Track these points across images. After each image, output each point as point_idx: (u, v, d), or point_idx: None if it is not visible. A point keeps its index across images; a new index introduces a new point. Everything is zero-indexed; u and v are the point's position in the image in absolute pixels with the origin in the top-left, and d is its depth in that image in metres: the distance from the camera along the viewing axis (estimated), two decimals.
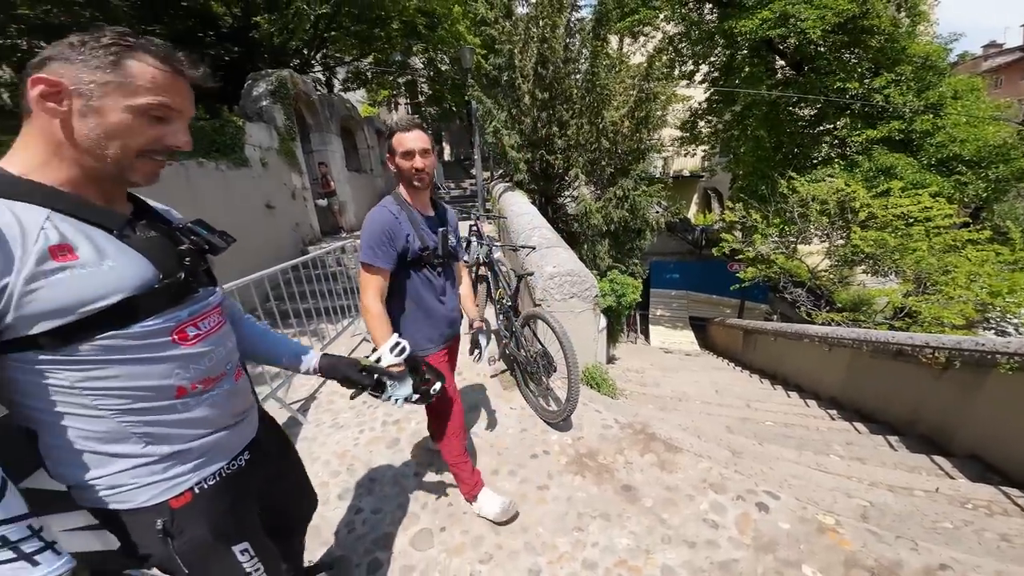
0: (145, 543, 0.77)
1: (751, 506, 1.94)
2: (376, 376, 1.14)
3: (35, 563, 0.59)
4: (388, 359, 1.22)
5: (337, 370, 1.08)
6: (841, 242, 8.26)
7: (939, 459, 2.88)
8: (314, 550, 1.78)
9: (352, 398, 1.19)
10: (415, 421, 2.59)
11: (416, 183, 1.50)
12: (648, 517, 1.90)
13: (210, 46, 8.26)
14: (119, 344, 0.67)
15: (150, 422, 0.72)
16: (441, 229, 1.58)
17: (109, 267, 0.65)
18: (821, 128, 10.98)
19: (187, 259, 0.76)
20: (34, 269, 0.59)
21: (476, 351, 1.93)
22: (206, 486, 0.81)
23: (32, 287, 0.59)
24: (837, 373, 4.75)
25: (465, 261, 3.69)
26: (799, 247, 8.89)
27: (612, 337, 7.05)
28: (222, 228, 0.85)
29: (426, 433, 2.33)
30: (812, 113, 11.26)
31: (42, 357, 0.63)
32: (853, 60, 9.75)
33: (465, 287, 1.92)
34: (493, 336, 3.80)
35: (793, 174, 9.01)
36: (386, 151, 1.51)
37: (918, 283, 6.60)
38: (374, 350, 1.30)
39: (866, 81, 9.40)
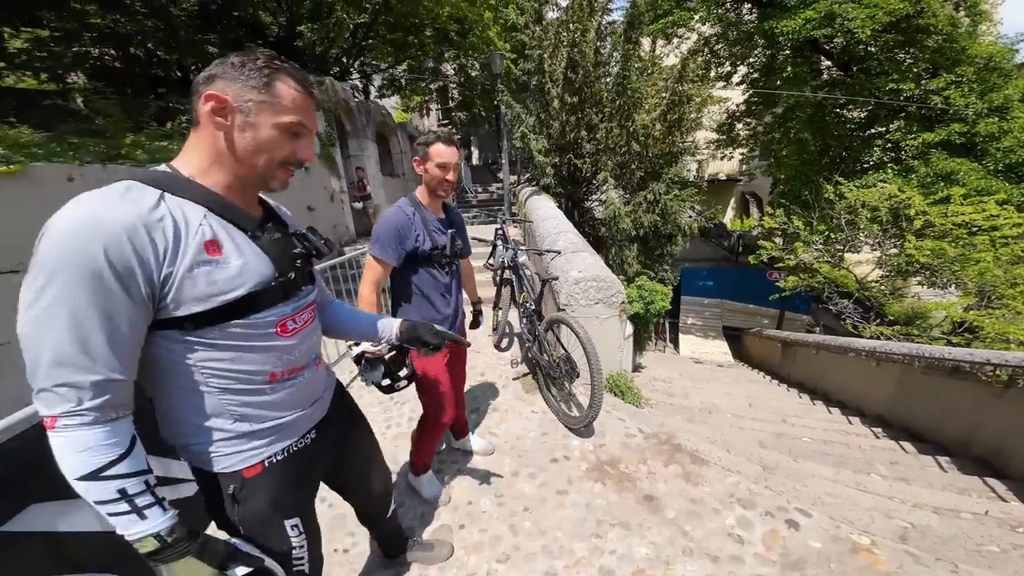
0: (217, 503, 0.87)
1: (780, 523, 1.86)
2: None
3: (144, 517, 0.67)
4: (366, 344, 1.27)
5: (416, 331, 1.17)
6: (894, 251, 7.73)
7: (992, 481, 2.68)
8: (341, 539, 1.85)
9: (385, 390, 1.26)
10: None
11: (440, 192, 1.63)
12: (670, 528, 1.85)
13: None
14: (238, 331, 0.76)
15: (242, 403, 0.81)
16: (450, 231, 1.70)
17: (242, 264, 0.75)
18: (872, 131, 10.35)
19: (298, 261, 0.86)
20: (192, 260, 0.68)
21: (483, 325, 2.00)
22: (275, 460, 0.89)
23: (188, 276, 0.68)
24: (885, 390, 4.47)
25: (489, 264, 3.75)
26: (846, 256, 8.39)
27: (639, 345, 6.89)
28: None
29: (448, 432, 2.37)
30: (862, 115, 10.63)
31: (180, 336, 0.72)
32: (908, 60, 9.16)
33: (468, 271, 2.07)
34: (516, 338, 3.82)
35: (840, 179, 8.54)
36: (419, 154, 1.58)
37: (981, 296, 6.08)
38: None
39: (923, 82, 8.79)
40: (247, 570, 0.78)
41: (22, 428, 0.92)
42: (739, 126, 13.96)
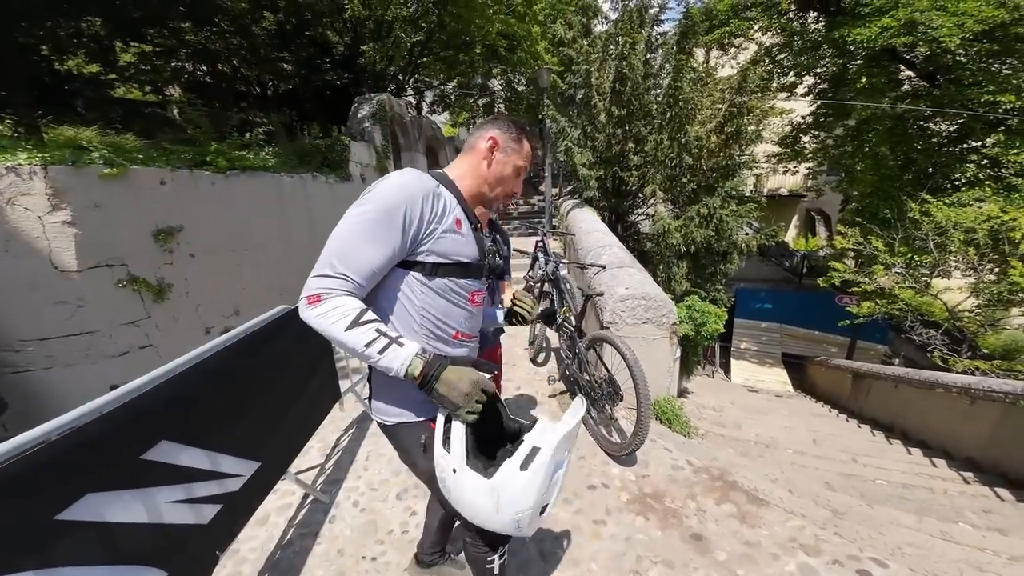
0: (414, 450, 1.08)
1: (850, 573, 1.64)
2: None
3: (402, 344, 0.89)
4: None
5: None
6: (992, 278, 6.80)
7: None
8: (370, 546, 1.84)
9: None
10: None
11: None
12: (719, 571, 1.67)
13: (325, 72, 9.51)
14: (450, 286, 1.03)
15: (436, 348, 1.05)
16: (489, 245, 1.71)
17: (467, 241, 1.04)
18: (965, 145, 9.27)
19: (489, 255, 1.14)
20: (446, 226, 0.98)
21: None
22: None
23: (440, 236, 0.97)
24: (980, 430, 3.95)
25: (529, 277, 3.70)
26: (933, 282, 7.49)
27: (686, 368, 6.49)
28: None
29: None
30: (952, 129, 9.56)
31: (418, 277, 0.99)
32: (1006, 70, 8.17)
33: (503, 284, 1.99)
34: (554, 354, 3.72)
35: (927, 196, 7.69)
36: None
37: None
38: None
39: None
40: (488, 375, 0.99)
41: (89, 419, 0.98)
42: (805, 139, 13.05)
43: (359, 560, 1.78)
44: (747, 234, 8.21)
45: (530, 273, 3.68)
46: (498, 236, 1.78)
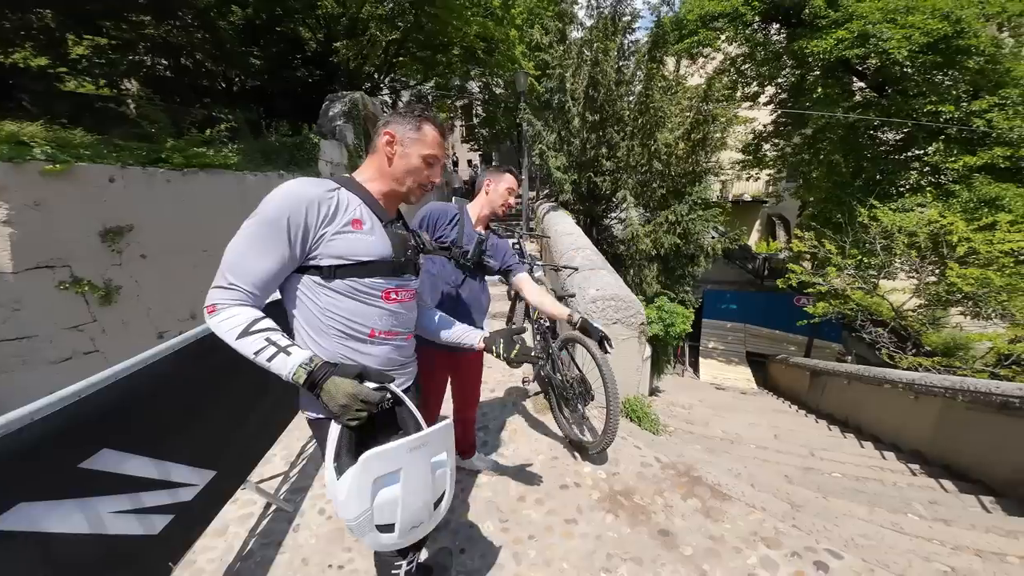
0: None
1: (808, 564, 1.72)
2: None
3: (289, 353, 0.92)
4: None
5: (494, 339, 1.43)
6: (933, 279, 7.33)
7: None
8: (338, 554, 1.78)
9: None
10: None
11: (499, 209, 1.86)
12: (686, 566, 1.71)
13: (296, 68, 9.20)
14: (355, 287, 1.03)
15: (349, 348, 1.06)
16: (478, 237, 1.81)
17: (372, 240, 1.04)
18: (909, 153, 9.98)
19: (409, 251, 1.14)
20: (339, 227, 0.98)
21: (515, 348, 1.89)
22: None
23: (332, 238, 0.98)
24: (924, 424, 4.20)
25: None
26: (880, 283, 8.00)
27: (657, 368, 6.66)
28: None
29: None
30: (898, 137, 10.28)
31: (317, 280, 1.00)
32: (947, 82, 8.86)
33: (535, 293, 2.01)
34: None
35: (875, 202, 8.21)
36: (491, 177, 1.84)
37: None
38: None
39: (963, 104, 8.46)
40: (375, 385, 1.01)
41: (21, 424, 0.91)
42: (766, 147, 13.70)
43: (325, 569, 1.72)
44: (713, 238, 8.53)
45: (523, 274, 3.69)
46: (491, 236, 1.88)
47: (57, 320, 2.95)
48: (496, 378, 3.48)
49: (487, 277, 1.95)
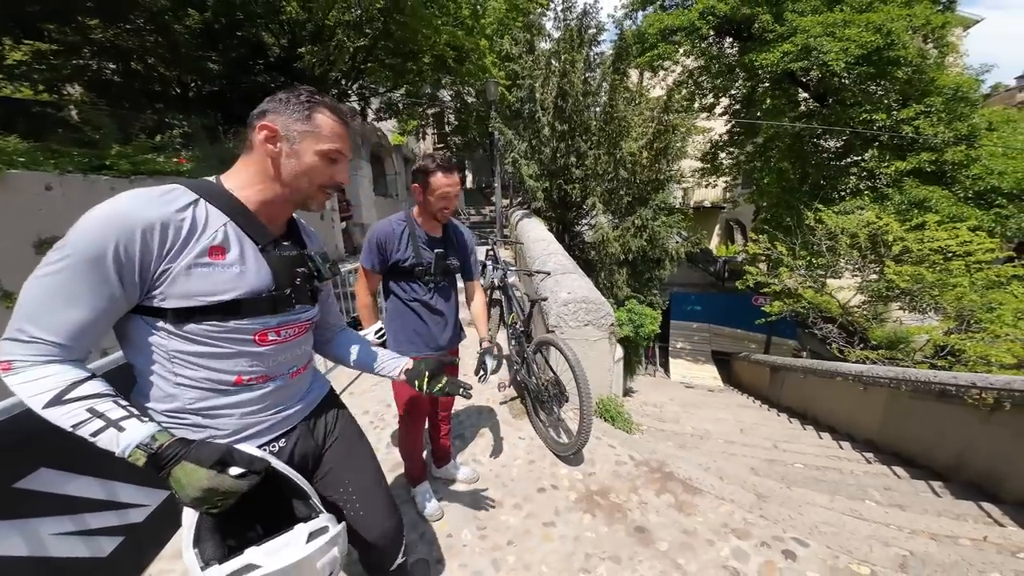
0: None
1: (777, 553, 1.79)
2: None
3: (122, 429, 0.71)
4: (371, 339, 1.56)
5: (413, 374, 1.17)
6: (874, 277, 7.91)
7: (988, 506, 2.65)
8: None
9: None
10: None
11: (439, 218, 1.67)
12: (662, 562, 1.75)
13: (258, 74, 8.89)
14: (213, 331, 0.80)
15: (211, 404, 0.84)
16: (437, 250, 1.69)
17: (238, 272, 0.80)
18: (848, 160, 10.79)
19: (298, 280, 0.90)
20: (192, 260, 0.75)
21: (481, 371, 1.88)
22: None
23: (181, 274, 0.74)
24: (873, 414, 4.45)
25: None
26: (829, 281, 8.56)
27: (629, 369, 6.83)
28: None
29: (430, 460, 2.26)
30: (838, 145, 11.09)
31: (160, 325, 0.77)
32: (879, 92, 9.65)
33: (477, 306, 1.95)
34: (505, 360, 3.74)
35: (820, 206, 8.80)
36: (420, 182, 1.59)
37: (960, 320, 6.20)
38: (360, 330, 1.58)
39: (894, 112, 9.25)
40: (241, 470, 0.75)
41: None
42: (722, 155, 14.44)
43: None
44: (677, 242, 8.87)
45: (480, 281, 3.68)
46: (453, 238, 1.80)
47: None
48: (472, 383, 3.45)
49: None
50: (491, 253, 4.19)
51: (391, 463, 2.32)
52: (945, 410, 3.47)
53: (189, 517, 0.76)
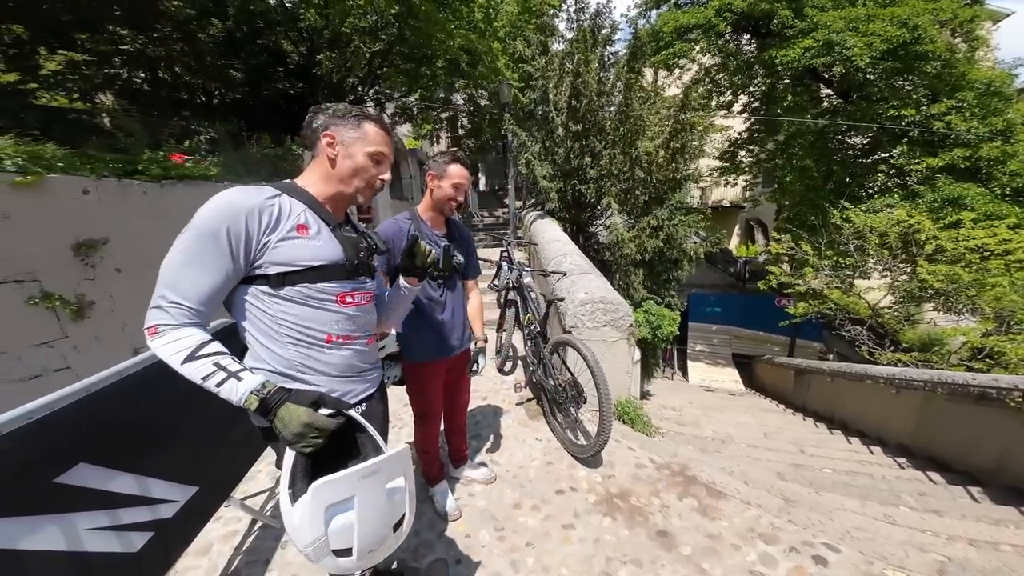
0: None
1: (806, 559, 1.72)
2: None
3: (240, 379, 0.90)
4: (392, 348, 1.64)
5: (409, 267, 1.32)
6: (904, 277, 7.59)
7: None
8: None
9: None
10: None
11: (447, 211, 1.70)
12: (686, 566, 1.70)
13: (278, 80, 9.13)
14: (307, 292, 1.01)
15: (307, 355, 1.04)
16: (444, 244, 1.64)
17: (320, 244, 1.02)
18: (875, 157, 10.41)
19: (361, 253, 1.13)
20: (284, 234, 0.96)
21: (474, 366, 1.91)
22: None
23: (277, 245, 0.95)
24: (906, 418, 4.29)
25: (494, 285, 3.70)
26: (856, 282, 8.25)
27: (647, 371, 6.70)
28: None
29: (447, 460, 2.26)
30: (864, 141, 10.72)
31: (265, 290, 0.97)
32: (907, 87, 9.30)
33: (473, 305, 1.95)
34: (520, 361, 3.71)
35: (847, 204, 8.50)
36: (435, 170, 1.65)
37: (1000, 322, 5.89)
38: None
39: (923, 108, 8.90)
40: (330, 411, 0.98)
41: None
42: (742, 153, 14.12)
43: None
44: (695, 242, 8.69)
45: (495, 282, 3.68)
46: (457, 235, 1.80)
47: (25, 337, 2.80)
48: (488, 385, 3.45)
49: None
50: (505, 254, 4.18)
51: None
52: (984, 413, 3.35)
53: (287, 463, 0.91)
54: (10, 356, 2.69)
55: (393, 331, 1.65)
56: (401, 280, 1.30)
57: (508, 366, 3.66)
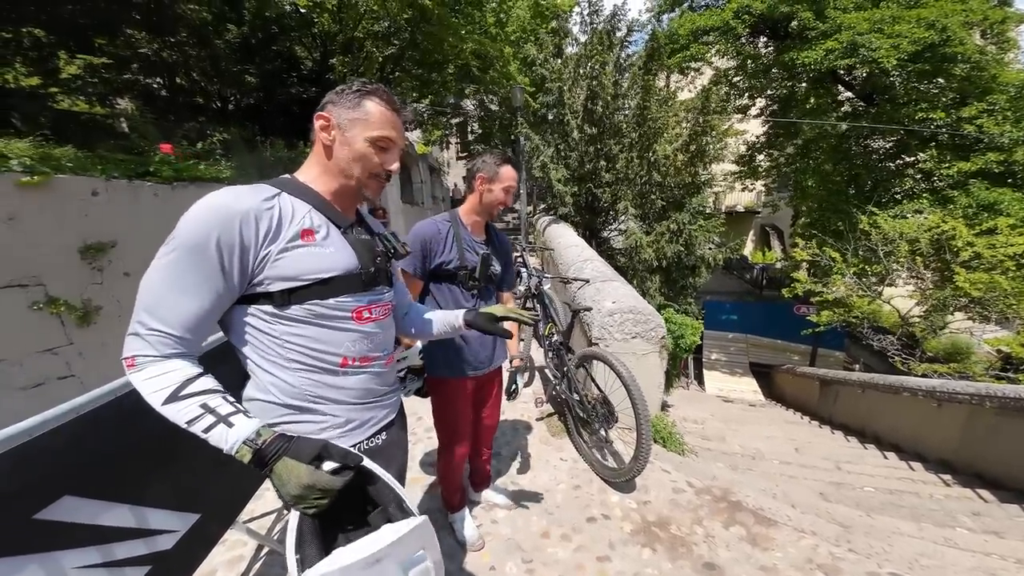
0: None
1: None
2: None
3: (231, 424, 0.74)
4: (415, 359, 1.47)
5: (477, 321, 1.19)
6: (934, 285, 7.27)
7: None
8: None
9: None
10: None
11: (492, 215, 1.60)
12: None
13: (291, 86, 9.20)
14: (317, 310, 0.84)
15: (316, 382, 0.88)
16: (483, 252, 1.56)
17: (330, 251, 0.86)
18: (902, 161, 10.10)
19: (378, 259, 0.96)
20: (286, 243, 0.80)
21: (513, 388, 1.78)
22: None
23: (282, 255, 0.79)
24: (949, 432, 4.05)
25: (513, 292, 3.54)
26: (883, 289, 7.94)
27: (667, 383, 6.48)
28: None
29: (468, 483, 2.09)
30: (889, 145, 10.42)
31: (268, 310, 0.82)
32: (935, 90, 9.01)
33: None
34: (538, 374, 3.54)
35: (875, 209, 8.22)
36: (486, 172, 1.53)
37: None
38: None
39: (953, 111, 8.60)
40: (336, 465, 0.78)
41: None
42: (760, 157, 13.85)
43: None
44: (711, 248, 8.46)
45: (516, 289, 3.52)
46: (496, 243, 1.66)
47: (29, 343, 2.72)
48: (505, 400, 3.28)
49: None
50: (520, 260, 4.03)
51: (423, 482, 2.17)
52: None
53: (293, 521, 0.78)
54: (12, 363, 2.61)
55: (419, 343, 1.49)
56: (460, 320, 1.17)
57: (525, 377, 3.49)
